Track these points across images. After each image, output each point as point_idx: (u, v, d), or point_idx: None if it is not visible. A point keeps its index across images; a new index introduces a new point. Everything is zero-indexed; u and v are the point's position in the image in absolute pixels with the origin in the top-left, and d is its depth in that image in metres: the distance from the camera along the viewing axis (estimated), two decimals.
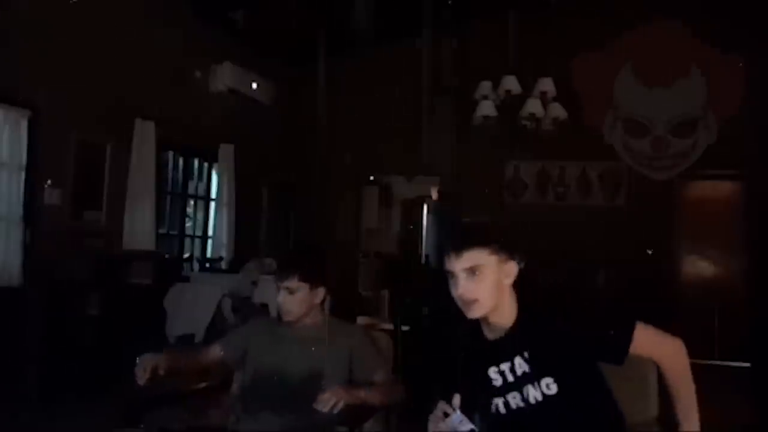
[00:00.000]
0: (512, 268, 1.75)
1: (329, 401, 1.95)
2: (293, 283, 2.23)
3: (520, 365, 1.73)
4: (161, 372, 2.03)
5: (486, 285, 1.70)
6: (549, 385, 1.70)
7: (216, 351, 2.35)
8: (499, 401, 1.75)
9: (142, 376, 2.00)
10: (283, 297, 2.25)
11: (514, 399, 1.73)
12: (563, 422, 1.69)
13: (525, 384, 1.72)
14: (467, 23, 7.37)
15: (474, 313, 1.72)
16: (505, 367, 1.75)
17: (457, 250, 1.71)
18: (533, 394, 1.71)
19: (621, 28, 7.28)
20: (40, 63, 4.76)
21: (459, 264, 1.70)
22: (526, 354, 1.73)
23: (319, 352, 2.24)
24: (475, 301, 1.70)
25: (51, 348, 4.72)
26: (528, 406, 1.71)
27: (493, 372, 1.76)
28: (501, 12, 7.15)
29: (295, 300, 2.24)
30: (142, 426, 1.95)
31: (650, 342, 1.72)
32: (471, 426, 1.58)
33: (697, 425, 1.69)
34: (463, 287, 1.70)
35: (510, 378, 1.74)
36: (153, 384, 2.02)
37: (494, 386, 1.75)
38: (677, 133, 7.34)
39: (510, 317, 1.76)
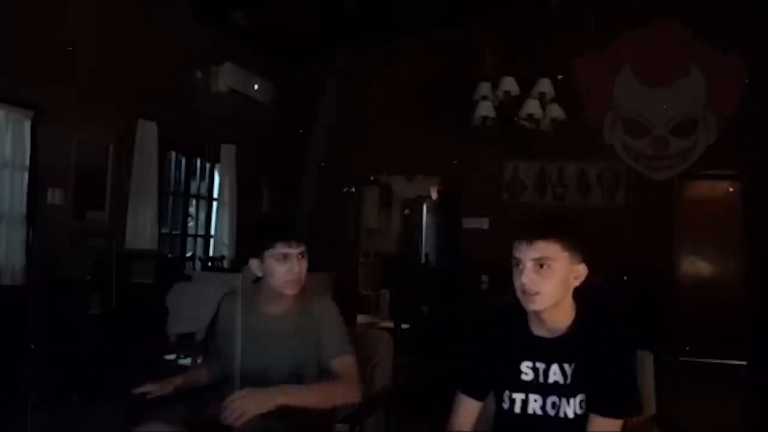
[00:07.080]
0: (582, 270, 1.66)
1: (233, 414, 1.76)
2: (303, 249, 2.13)
3: (555, 373, 1.65)
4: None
5: (552, 280, 1.60)
6: (582, 403, 1.61)
7: (203, 373, 2.37)
8: (518, 397, 1.67)
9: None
10: (296, 263, 2.11)
11: (536, 402, 1.65)
12: None
13: (552, 393, 1.64)
14: (467, 23, 7.38)
15: (533, 306, 1.62)
16: (540, 366, 1.66)
17: (529, 239, 1.61)
18: (563, 408, 1.62)
19: (621, 28, 7.28)
20: (43, 63, 4.78)
21: (528, 253, 1.61)
22: (567, 366, 1.64)
23: (295, 342, 2.14)
24: (537, 294, 1.60)
25: (53, 347, 4.71)
26: (545, 416, 1.63)
27: (525, 366, 1.67)
28: (501, 12, 7.18)
29: (304, 268, 2.14)
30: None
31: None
32: None
33: None
34: (528, 278, 1.60)
35: (541, 379, 1.66)
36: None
37: (522, 380, 1.67)
38: (677, 133, 7.30)
39: (566, 320, 1.67)
